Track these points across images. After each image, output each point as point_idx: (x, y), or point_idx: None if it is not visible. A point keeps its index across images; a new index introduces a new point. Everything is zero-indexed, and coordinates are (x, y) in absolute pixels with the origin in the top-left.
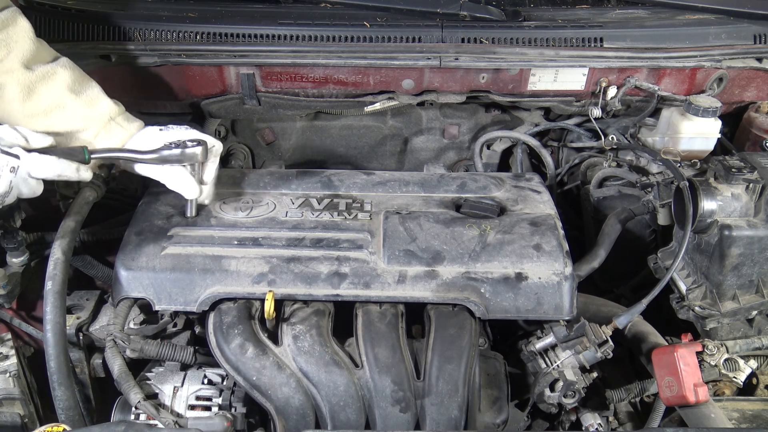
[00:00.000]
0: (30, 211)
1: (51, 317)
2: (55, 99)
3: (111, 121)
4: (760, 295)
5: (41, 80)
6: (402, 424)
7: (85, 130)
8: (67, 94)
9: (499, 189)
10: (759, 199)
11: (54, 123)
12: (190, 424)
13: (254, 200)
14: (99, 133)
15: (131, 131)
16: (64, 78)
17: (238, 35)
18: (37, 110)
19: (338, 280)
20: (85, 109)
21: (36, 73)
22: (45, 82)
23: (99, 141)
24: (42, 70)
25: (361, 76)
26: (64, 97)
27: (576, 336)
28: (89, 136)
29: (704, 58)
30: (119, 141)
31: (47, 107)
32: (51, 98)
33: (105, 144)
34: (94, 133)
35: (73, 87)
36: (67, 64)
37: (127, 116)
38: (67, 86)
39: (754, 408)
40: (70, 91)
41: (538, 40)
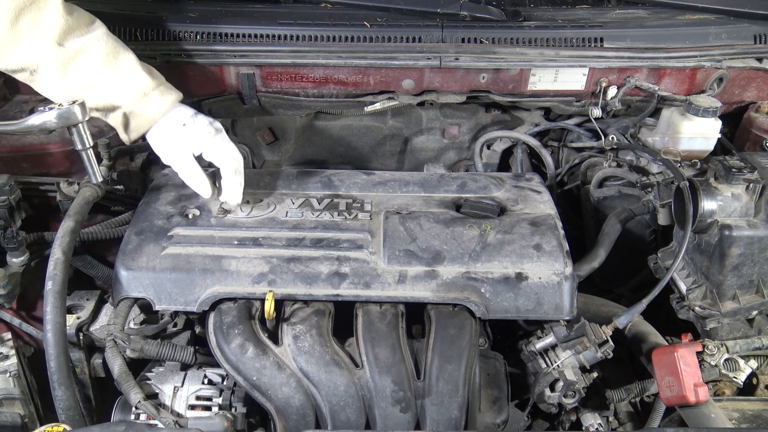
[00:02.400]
0: (30, 211)
1: (51, 317)
2: (90, 75)
3: (144, 97)
4: (760, 295)
5: (74, 57)
6: (402, 424)
7: (121, 107)
8: (100, 69)
9: (499, 189)
10: (759, 199)
11: (93, 97)
12: (190, 424)
13: (254, 200)
14: (134, 110)
15: (165, 106)
16: (97, 53)
17: (238, 35)
18: (75, 86)
19: (338, 280)
20: (118, 84)
21: (68, 49)
22: (78, 59)
23: (135, 119)
24: (74, 46)
25: (361, 76)
26: (98, 73)
27: (576, 336)
28: (125, 112)
29: (704, 58)
30: (154, 116)
31: (84, 83)
32: (86, 74)
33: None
34: (130, 109)
35: (107, 61)
36: (101, 36)
37: (162, 90)
38: (100, 61)
39: (754, 408)
40: (104, 66)
41: (538, 40)
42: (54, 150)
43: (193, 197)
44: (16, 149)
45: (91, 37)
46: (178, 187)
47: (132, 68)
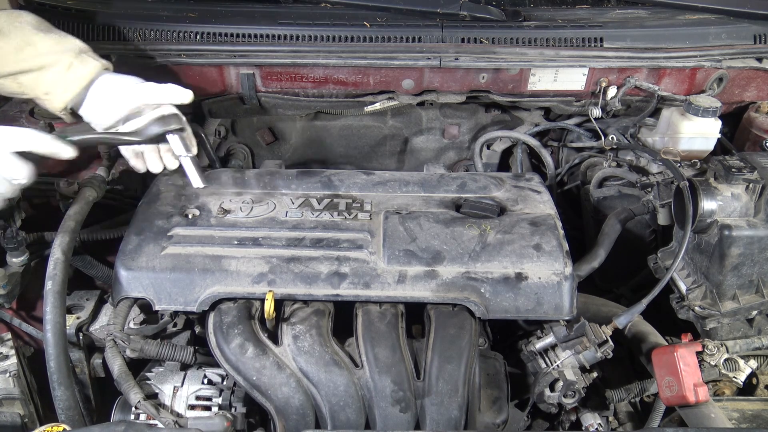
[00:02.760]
0: (30, 211)
1: (51, 317)
2: (24, 37)
3: (81, 54)
4: (760, 295)
5: (7, 22)
6: (402, 424)
7: (57, 64)
8: (34, 32)
9: (499, 189)
10: (759, 199)
11: (25, 60)
12: (190, 424)
13: (254, 200)
14: (72, 64)
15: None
16: (29, 20)
17: (238, 35)
18: (8, 49)
19: (338, 280)
20: (54, 45)
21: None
22: (11, 23)
23: (72, 73)
24: (6, 12)
25: (361, 76)
26: (32, 36)
27: (576, 336)
28: (61, 69)
29: (704, 58)
30: (93, 70)
31: (17, 45)
32: (19, 37)
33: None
34: (67, 65)
35: (40, 27)
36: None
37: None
38: (33, 26)
39: (754, 408)
40: (38, 30)
41: (538, 40)
42: None
43: (192, 197)
44: None
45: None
46: (178, 187)
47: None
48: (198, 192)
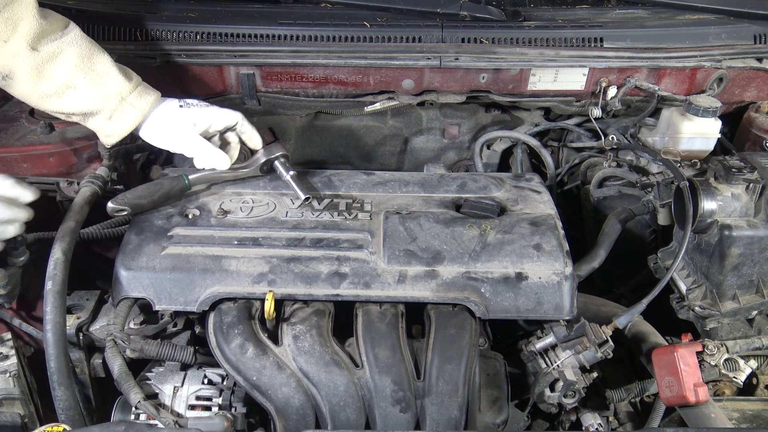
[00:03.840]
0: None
1: (51, 317)
2: (65, 79)
3: (122, 102)
4: (760, 295)
5: (49, 61)
6: (402, 424)
7: (100, 112)
8: (75, 73)
9: (499, 189)
10: (759, 199)
11: (68, 104)
12: (190, 424)
13: (254, 200)
14: (113, 116)
15: (144, 110)
16: (71, 56)
17: (238, 35)
18: (49, 91)
19: (338, 280)
20: (95, 89)
21: (42, 53)
22: (53, 63)
23: (114, 124)
24: (49, 49)
25: (361, 76)
26: (73, 77)
27: (576, 336)
28: (104, 118)
29: (704, 58)
30: (134, 121)
31: (58, 88)
32: (61, 78)
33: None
34: (108, 116)
35: (81, 64)
36: (74, 40)
37: (140, 91)
38: (74, 65)
39: (754, 408)
40: (79, 70)
41: (538, 40)
42: (54, 150)
43: (192, 197)
44: (16, 149)
45: (66, 40)
46: None
47: (107, 71)
48: (198, 192)
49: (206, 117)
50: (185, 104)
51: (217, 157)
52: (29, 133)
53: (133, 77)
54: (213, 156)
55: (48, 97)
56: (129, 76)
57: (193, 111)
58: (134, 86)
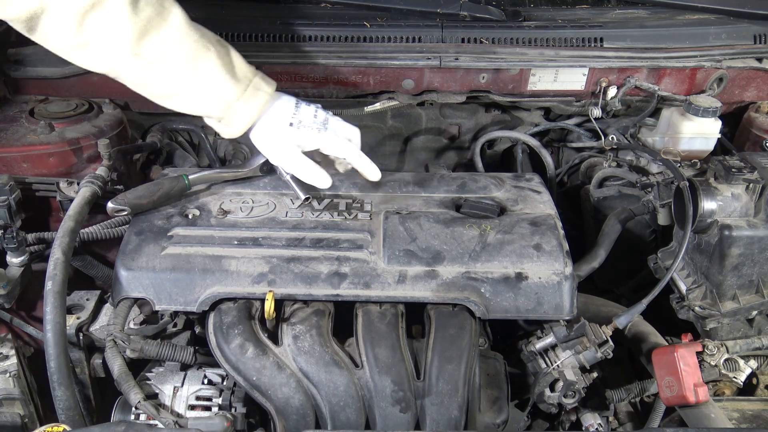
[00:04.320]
0: (30, 211)
1: (51, 317)
2: (170, 87)
3: (229, 109)
4: (760, 295)
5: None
6: (402, 424)
7: (209, 116)
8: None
9: (499, 189)
10: (759, 199)
11: (176, 106)
12: (190, 424)
13: (254, 200)
14: (222, 120)
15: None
16: (175, 61)
17: (238, 35)
18: (156, 94)
19: (338, 280)
20: (201, 97)
21: (145, 59)
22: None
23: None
24: (151, 55)
25: (361, 76)
26: (177, 85)
27: (576, 336)
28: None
29: (704, 58)
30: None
31: (164, 93)
32: (166, 86)
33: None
34: (218, 120)
35: (186, 70)
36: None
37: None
38: (179, 71)
39: (754, 408)
40: (183, 76)
41: (538, 40)
42: (54, 150)
43: (192, 197)
44: (16, 149)
45: (169, 39)
46: None
47: (213, 75)
48: (198, 192)
49: (314, 143)
50: (297, 123)
51: (318, 178)
52: (29, 133)
53: (240, 77)
54: (314, 176)
55: (156, 98)
56: (236, 77)
57: (302, 134)
58: (242, 90)
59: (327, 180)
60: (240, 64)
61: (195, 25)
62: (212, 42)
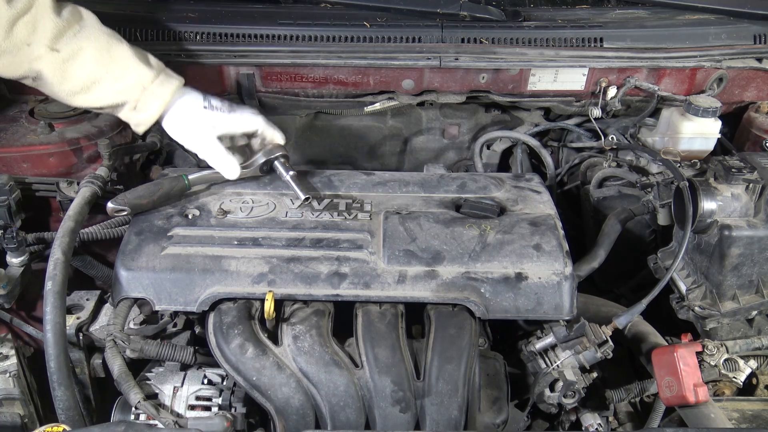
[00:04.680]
0: (30, 211)
1: (51, 317)
2: (88, 76)
3: (144, 91)
4: (760, 295)
5: (69, 60)
6: (402, 424)
7: (126, 103)
8: (96, 69)
9: (499, 189)
10: (759, 199)
11: (95, 99)
12: (190, 424)
13: (254, 200)
14: (137, 106)
15: (166, 98)
16: (90, 52)
17: (238, 35)
18: (75, 89)
19: (338, 280)
20: (117, 83)
21: (63, 53)
22: (74, 61)
23: (140, 113)
24: (68, 48)
25: (361, 76)
26: (94, 73)
27: (576, 336)
28: (129, 108)
29: (704, 58)
30: (157, 110)
31: (83, 85)
32: (84, 76)
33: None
34: (133, 106)
35: (101, 59)
36: (91, 33)
37: (162, 79)
38: (95, 61)
39: (754, 408)
40: (99, 65)
41: (538, 40)
42: (54, 150)
43: (192, 197)
44: (16, 149)
45: (83, 35)
46: None
47: (127, 61)
48: (198, 192)
49: (227, 123)
50: (209, 106)
51: (228, 165)
52: (29, 133)
53: (153, 64)
54: (224, 163)
55: (75, 94)
56: (149, 64)
57: (215, 115)
58: (155, 74)
59: (236, 169)
60: (151, 56)
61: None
62: (122, 38)
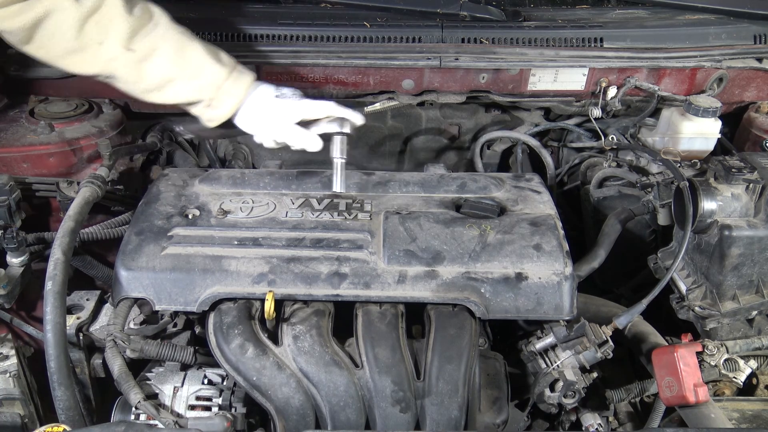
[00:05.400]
0: (30, 211)
1: (51, 317)
2: (163, 75)
3: (219, 90)
4: (760, 295)
5: (145, 60)
6: (402, 424)
7: (200, 101)
8: (171, 68)
9: (499, 189)
10: (759, 199)
11: (169, 96)
12: (190, 424)
13: (254, 200)
14: (211, 104)
15: (240, 96)
16: (165, 52)
17: (238, 35)
18: (150, 87)
19: (338, 280)
20: (191, 82)
21: (138, 53)
22: (149, 61)
23: (213, 110)
24: (143, 48)
25: (361, 76)
26: (169, 72)
27: (576, 336)
28: (203, 106)
29: (704, 58)
30: (231, 108)
31: (158, 84)
32: (159, 75)
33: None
34: (207, 104)
35: (176, 58)
36: (165, 32)
37: (235, 77)
38: (169, 61)
39: (754, 408)
40: (174, 65)
41: (538, 40)
42: (54, 150)
43: (192, 197)
44: (16, 149)
45: (158, 34)
46: (178, 187)
47: (201, 61)
48: (198, 192)
49: (299, 109)
50: (280, 94)
51: (309, 142)
52: (29, 133)
53: (226, 62)
54: (304, 141)
55: (149, 92)
56: (222, 62)
57: (286, 102)
58: (228, 72)
59: (318, 142)
60: (223, 53)
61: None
62: (194, 36)
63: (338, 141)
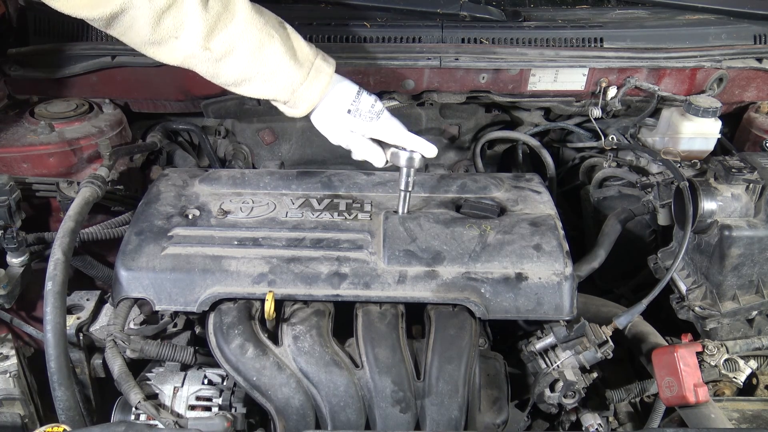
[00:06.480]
0: (30, 211)
1: (51, 317)
2: (239, 74)
3: (294, 93)
4: (760, 295)
5: (221, 59)
6: (402, 424)
7: (276, 100)
8: (247, 69)
9: (499, 189)
10: (759, 199)
11: (245, 92)
12: (190, 425)
13: (254, 200)
14: (287, 103)
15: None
16: (242, 52)
17: None
18: (227, 83)
19: (338, 280)
20: (266, 83)
21: (215, 52)
22: (225, 61)
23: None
24: (220, 48)
25: (361, 76)
26: (245, 73)
27: (576, 336)
28: (280, 103)
29: (704, 58)
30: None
31: (234, 81)
32: (235, 74)
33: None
34: (283, 102)
35: (253, 59)
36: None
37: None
38: (246, 61)
39: (754, 408)
40: (249, 66)
41: (538, 40)
42: (54, 150)
43: (192, 197)
44: (16, 149)
45: (236, 32)
46: (178, 187)
47: (278, 62)
48: (198, 192)
49: (366, 131)
50: (355, 110)
51: (373, 157)
52: (29, 133)
53: (303, 60)
54: (368, 155)
55: (227, 86)
56: (299, 61)
57: (356, 122)
58: (305, 74)
59: (382, 158)
60: (301, 47)
61: (258, 8)
62: (275, 27)
63: (404, 173)
